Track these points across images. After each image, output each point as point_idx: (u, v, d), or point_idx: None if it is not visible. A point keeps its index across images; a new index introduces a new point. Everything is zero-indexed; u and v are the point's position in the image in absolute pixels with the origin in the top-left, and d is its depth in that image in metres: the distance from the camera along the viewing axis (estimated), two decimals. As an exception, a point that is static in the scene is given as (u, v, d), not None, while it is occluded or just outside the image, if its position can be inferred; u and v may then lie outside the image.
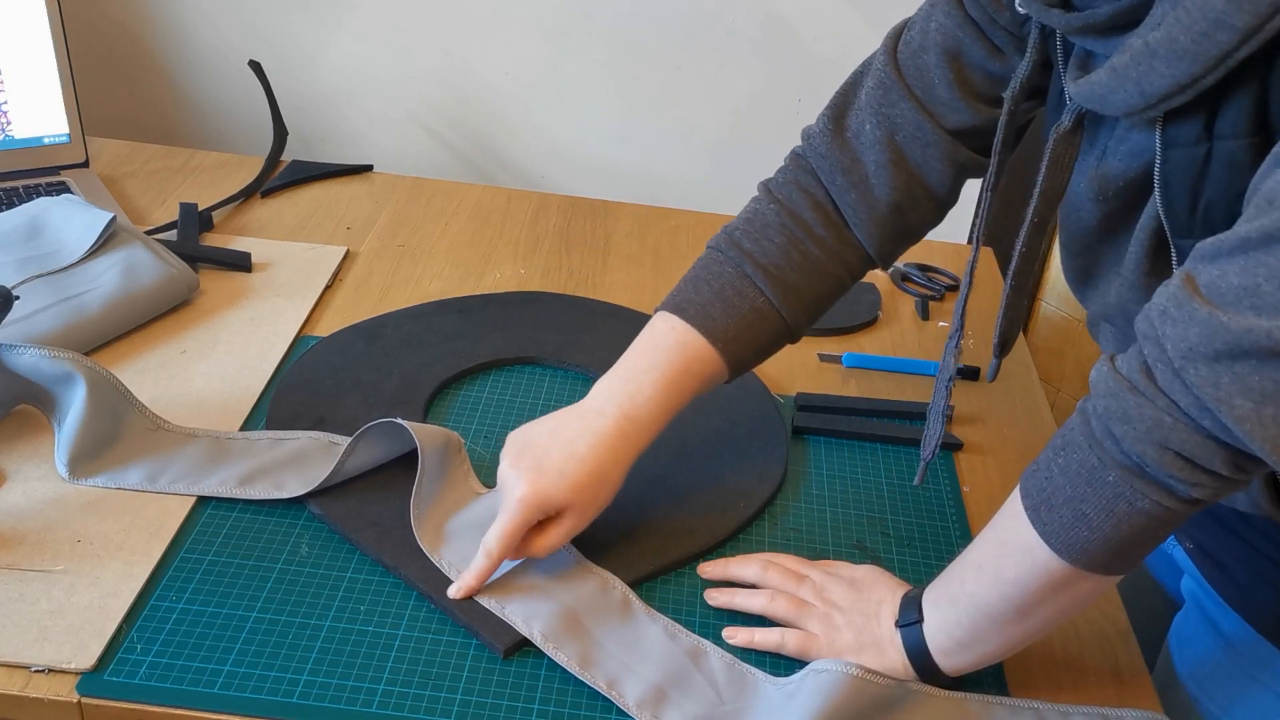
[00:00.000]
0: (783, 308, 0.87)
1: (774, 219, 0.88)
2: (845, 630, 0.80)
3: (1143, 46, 0.64)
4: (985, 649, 0.76)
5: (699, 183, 1.67)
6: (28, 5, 1.25)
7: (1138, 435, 0.64)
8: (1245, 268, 0.60)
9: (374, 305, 1.17)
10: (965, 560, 0.76)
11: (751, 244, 0.87)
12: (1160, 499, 0.66)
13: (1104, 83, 0.67)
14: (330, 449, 0.94)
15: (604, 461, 0.82)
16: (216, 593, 0.82)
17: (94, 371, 0.91)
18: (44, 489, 0.89)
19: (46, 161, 1.30)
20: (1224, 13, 0.60)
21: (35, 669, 0.75)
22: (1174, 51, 0.63)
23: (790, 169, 0.91)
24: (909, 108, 0.85)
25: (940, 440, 0.88)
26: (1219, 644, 0.88)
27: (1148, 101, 0.65)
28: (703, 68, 1.59)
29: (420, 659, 0.79)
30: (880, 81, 0.86)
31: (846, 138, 0.88)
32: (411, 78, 1.63)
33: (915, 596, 0.79)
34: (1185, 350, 0.62)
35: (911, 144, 0.86)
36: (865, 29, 1.53)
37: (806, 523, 0.95)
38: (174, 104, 1.69)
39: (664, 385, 0.84)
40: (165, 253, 1.12)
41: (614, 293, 1.23)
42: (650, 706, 0.76)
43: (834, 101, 0.90)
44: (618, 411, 0.83)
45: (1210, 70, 0.62)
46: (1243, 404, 0.60)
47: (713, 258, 0.88)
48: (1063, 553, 0.69)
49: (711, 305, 0.86)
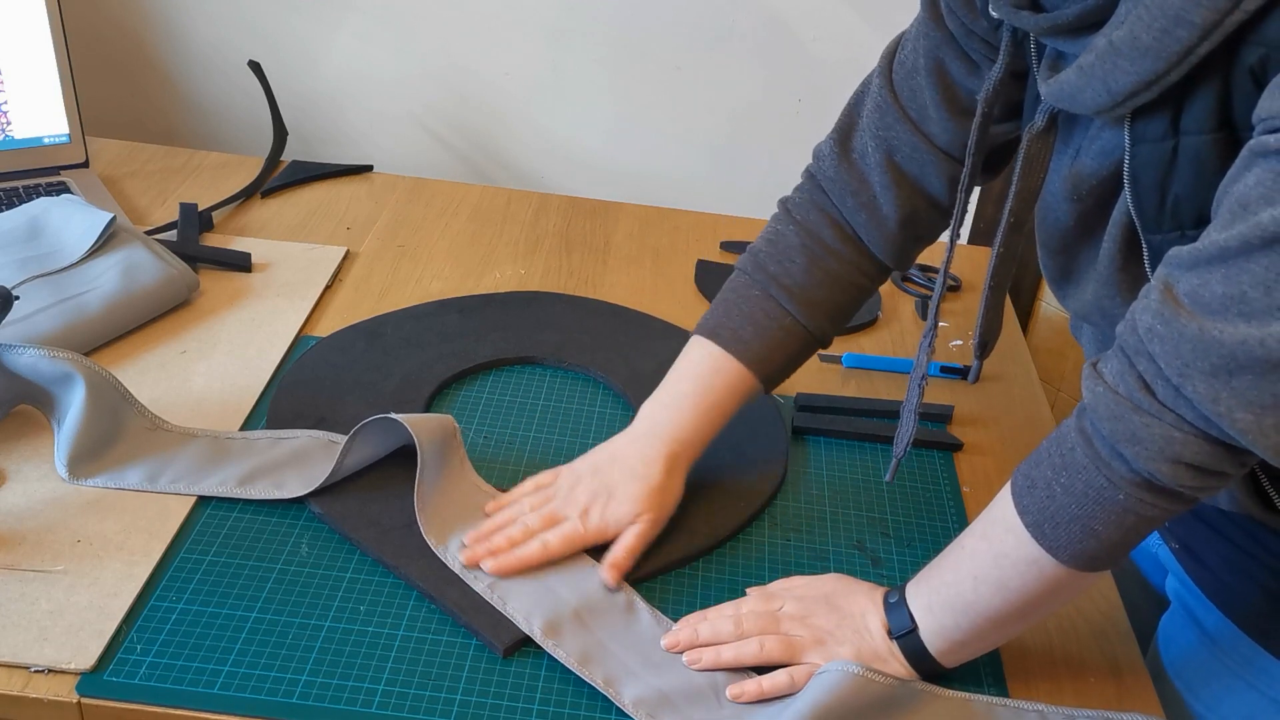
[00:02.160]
0: (810, 323, 0.91)
1: (795, 240, 0.92)
2: (842, 650, 0.79)
3: (1107, 45, 0.65)
4: (986, 644, 0.79)
5: (699, 183, 1.67)
6: (28, 5, 1.25)
7: (1150, 454, 0.65)
8: (1228, 276, 0.60)
9: (374, 305, 1.17)
10: (959, 569, 0.76)
11: (776, 267, 0.91)
12: (1169, 505, 0.68)
13: (1072, 82, 0.68)
14: (330, 448, 0.94)
15: (661, 478, 0.87)
16: (216, 593, 0.82)
17: (94, 372, 0.91)
18: (44, 489, 0.89)
19: (46, 161, 1.30)
20: (1183, 9, 0.61)
21: (35, 669, 0.75)
22: (1137, 49, 0.63)
23: (806, 188, 0.94)
24: (904, 129, 0.87)
25: (912, 438, 0.89)
26: (1204, 642, 0.88)
27: (1115, 99, 0.66)
28: (703, 68, 1.59)
29: (420, 659, 0.79)
30: (877, 104, 0.89)
31: (853, 159, 0.91)
32: (412, 78, 1.63)
33: (897, 601, 0.79)
34: (1180, 367, 0.62)
35: (910, 163, 0.88)
36: (865, 29, 1.53)
37: (806, 523, 0.95)
38: (174, 104, 1.69)
39: (704, 409, 0.90)
40: (165, 253, 1.12)
41: (614, 293, 1.23)
42: (648, 706, 0.76)
43: (839, 123, 0.92)
44: (665, 434, 0.89)
45: (1173, 66, 0.63)
46: (1244, 416, 0.61)
47: (741, 281, 0.93)
48: (1070, 563, 0.71)
49: (743, 329, 0.90)
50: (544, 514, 0.87)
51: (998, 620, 0.75)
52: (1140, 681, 0.83)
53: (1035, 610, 0.76)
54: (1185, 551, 0.89)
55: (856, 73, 1.55)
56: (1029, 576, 0.73)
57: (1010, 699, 0.80)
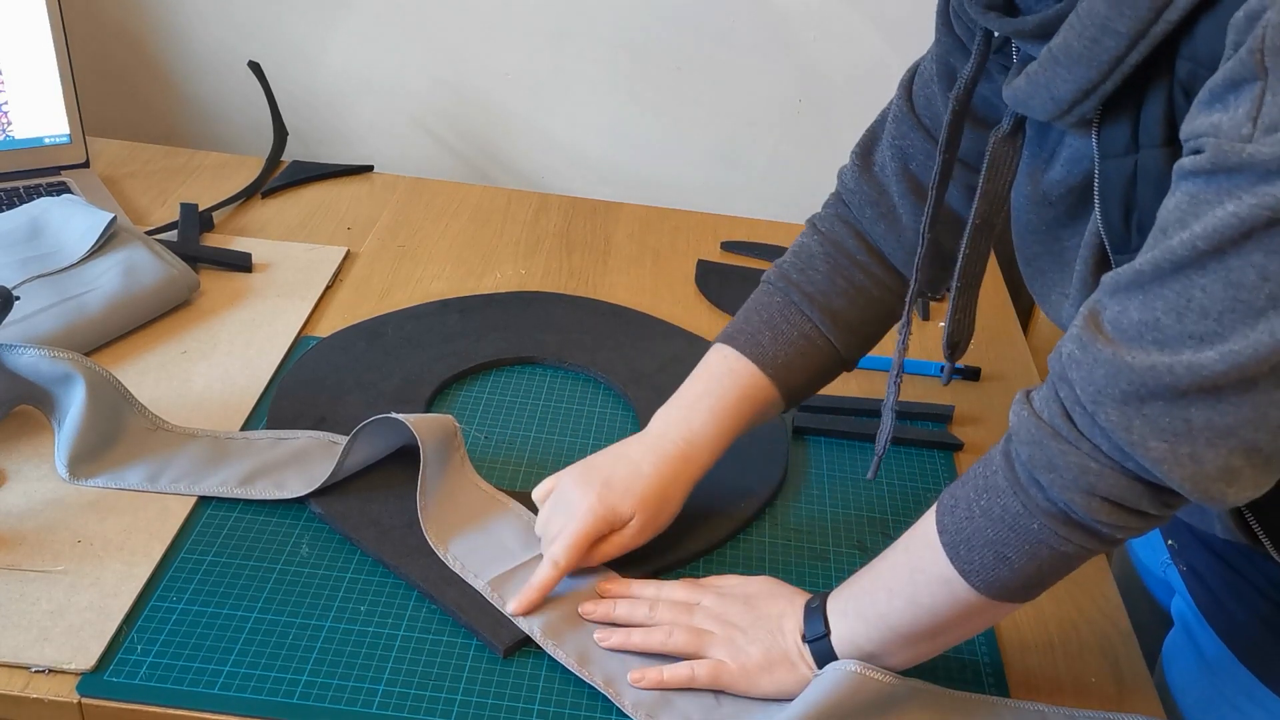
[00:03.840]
0: (830, 332, 0.90)
1: (818, 249, 0.92)
2: (751, 649, 0.78)
3: (1048, 53, 0.65)
4: (893, 661, 0.76)
5: (699, 183, 1.67)
6: (28, 6, 1.25)
7: (1065, 483, 0.64)
8: (1144, 302, 0.60)
9: (374, 305, 1.17)
10: (876, 580, 0.76)
11: (799, 275, 0.91)
12: (1084, 542, 0.66)
13: (1023, 88, 0.68)
14: (330, 448, 0.94)
15: (666, 479, 0.85)
16: (217, 593, 0.82)
17: (94, 372, 0.91)
18: (44, 489, 0.89)
19: (47, 162, 1.30)
20: (1108, 18, 0.61)
21: (35, 669, 0.75)
22: (1070, 57, 0.63)
23: (832, 204, 0.94)
24: (918, 138, 0.87)
25: (890, 436, 0.88)
26: (1203, 666, 0.87)
27: (1060, 108, 0.66)
28: (703, 68, 1.59)
29: (420, 659, 0.79)
30: (895, 115, 0.89)
31: (873, 172, 0.90)
32: (412, 78, 1.63)
33: (818, 607, 0.78)
34: (1094, 394, 0.61)
35: (924, 172, 0.87)
36: (865, 29, 1.53)
37: (806, 523, 0.95)
38: (174, 104, 1.69)
39: (719, 411, 0.87)
40: (166, 253, 1.12)
41: (614, 293, 1.23)
42: (646, 706, 0.76)
43: (863, 139, 0.92)
44: (677, 436, 0.86)
45: (1105, 76, 0.63)
46: (1157, 445, 0.60)
47: (764, 290, 0.92)
48: (981, 589, 0.70)
49: (760, 333, 0.89)
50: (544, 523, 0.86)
51: (908, 637, 0.74)
52: (1140, 682, 0.83)
53: (945, 632, 0.74)
54: (1193, 574, 0.89)
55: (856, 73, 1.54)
56: (940, 596, 0.72)
57: (1011, 699, 0.80)
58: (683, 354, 1.12)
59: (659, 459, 0.85)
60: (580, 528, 0.82)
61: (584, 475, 0.85)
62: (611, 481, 0.84)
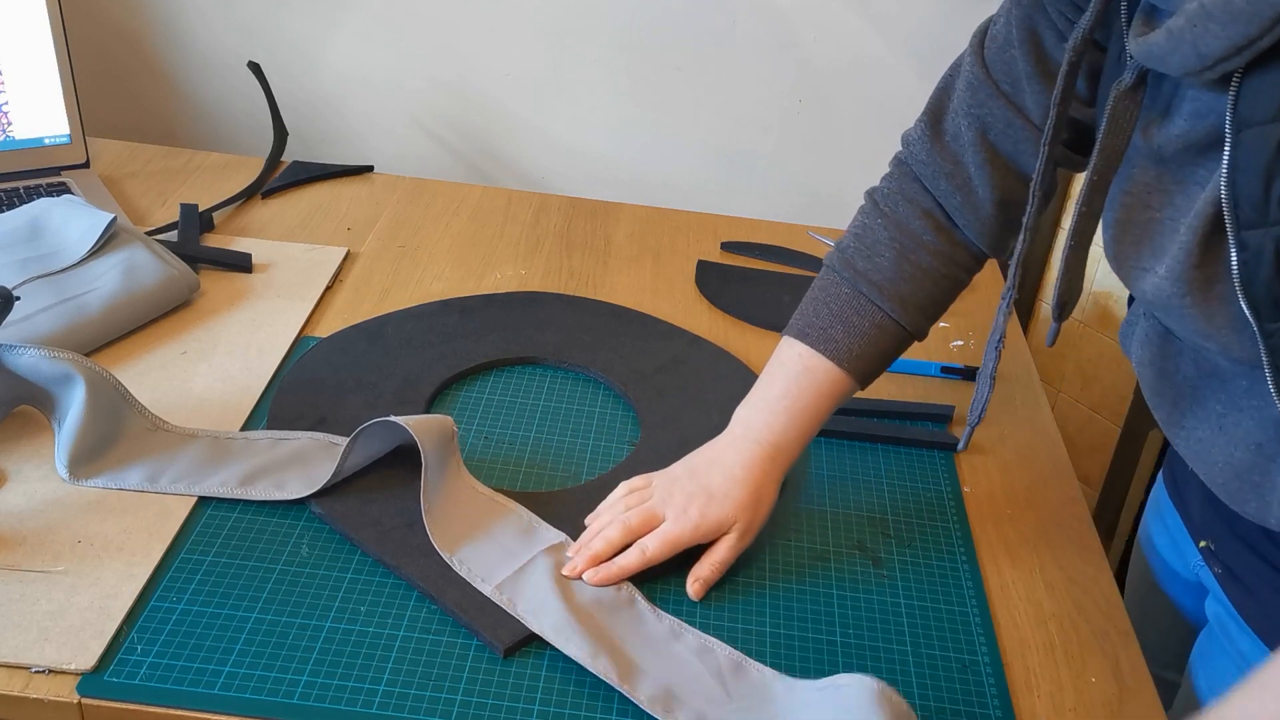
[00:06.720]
0: (902, 318, 0.90)
1: (883, 234, 0.91)
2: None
3: (1198, 8, 0.63)
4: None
5: (699, 183, 1.67)
6: (28, 6, 1.26)
7: None
8: None
9: (374, 306, 1.17)
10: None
11: (865, 262, 0.91)
12: None
13: (1161, 44, 0.66)
14: (331, 449, 0.94)
15: (758, 482, 0.88)
16: (217, 593, 0.82)
17: (94, 372, 0.91)
18: (44, 490, 0.89)
19: (47, 162, 1.30)
20: None
21: (35, 670, 0.75)
22: (1229, 13, 0.61)
23: (895, 177, 0.93)
24: (998, 105, 0.85)
25: (987, 403, 0.89)
26: (1240, 668, 0.86)
27: (1204, 63, 0.64)
28: (703, 68, 1.59)
29: (420, 659, 0.79)
30: (969, 82, 0.87)
31: (945, 141, 0.89)
32: (412, 78, 1.64)
33: None
34: None
35: (1003, 140, 0.86)
36: (865, 29, 1.53)
37: (807, 523, 0.95)
38: (174, 105, 1.69)
39: (798, 411, 0.90)
40: (166, 253, 1.12)
41: (614, 293, 1.23)
42: (662, 702, 0.76)
43: (930, 105, 0.91)
44: (760, 437, 0.90)
45: (1266, 31, 0.60)
46: None
47: (830, 279, 0.92)
48: None
49: (832, 328, 0.90)
50: (641, 511, 0.87)
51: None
52: (1141, 682, 0.83)
53: None
54: (1229, 576, 0.88)
55: (857, 73, 1.54)
56: None
57: None
58: (683, 354, 1.12)
59: (750, 461, 0.89)
60: (680, 533, 0.86)
61: (688, 481, 0.89)
62: (712, 491, 0.87)
